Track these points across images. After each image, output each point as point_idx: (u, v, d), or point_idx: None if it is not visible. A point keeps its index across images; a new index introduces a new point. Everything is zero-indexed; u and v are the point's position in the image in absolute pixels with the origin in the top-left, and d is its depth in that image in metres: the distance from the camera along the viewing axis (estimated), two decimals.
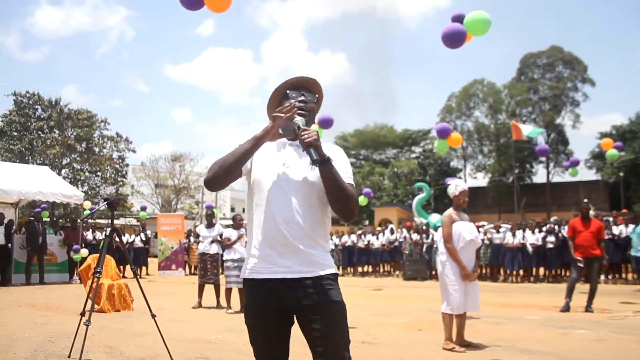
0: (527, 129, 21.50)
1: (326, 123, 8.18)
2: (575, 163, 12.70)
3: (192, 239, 18.79)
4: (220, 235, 9.53)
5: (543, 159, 45.22)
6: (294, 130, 2.28)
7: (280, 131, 2.37)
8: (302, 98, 2.38)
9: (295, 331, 2.35)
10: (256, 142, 2.28)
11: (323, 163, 2.16)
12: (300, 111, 2.31)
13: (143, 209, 21.12)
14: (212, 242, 9.64)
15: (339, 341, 2.22)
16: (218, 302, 9.57)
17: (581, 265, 8.71)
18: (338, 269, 19.76)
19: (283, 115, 2.26)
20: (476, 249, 5.85)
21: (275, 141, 2.39)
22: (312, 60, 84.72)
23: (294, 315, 2.30)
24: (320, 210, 2.31)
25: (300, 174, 2.28)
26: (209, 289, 9.71)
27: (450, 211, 5.84)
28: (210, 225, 9.87)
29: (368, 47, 76.09)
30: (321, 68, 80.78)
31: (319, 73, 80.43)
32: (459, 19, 5.59)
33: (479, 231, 15.78)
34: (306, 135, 2.17)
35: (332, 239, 19.23)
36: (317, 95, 2.46)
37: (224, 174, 2.26)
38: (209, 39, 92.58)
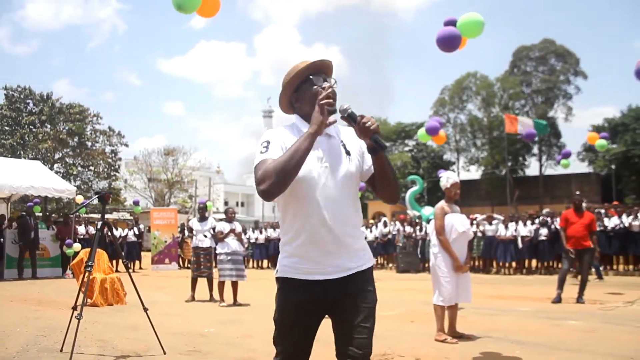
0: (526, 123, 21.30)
1: None
2: (567, 155, 12.77)
3: (186, 232, 18.75)
4: (213, 229, 9.51)
5: (536, 151, 45.46)
6: (344, 118, 2.16)
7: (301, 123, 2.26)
8: (328, 84, 2.23)
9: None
10: (313, 139, 2.08)
11: (384, 149, 2.14)
12: (327, 99, 2.16)
13: (136, 203, 21.01)
14: (205, 235, 9.64)
15: (370, 331, 2.24)
16: (211, 295, 9.56)
17: (572, 256, 8.77)
18: None
19: (331, 102, 2.11)
20: (468, 241, 5.88)
21: (297, 132, 2.23)
22: (305, 53, 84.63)
23: (331, 309, 2.26)
24: (358, 201, 2.30)
25: (340, 166, 2.21)
26: (202, 282, 9.70)
27: (442, 203, 5.85)
28: (203, 218, 9.86)
29: (362, 40, 76.14)
30: (324, 56, 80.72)
31: None
32: (451, 23, 5.54)
33: (472, 224, 15.89)
34: (369, 123, 2.08)
35: None
36: (335, 80, 2.31)
37: (287, 180, 2.05)
38: (202, 32, 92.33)
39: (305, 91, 2.29)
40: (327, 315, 2.28)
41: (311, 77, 2.28)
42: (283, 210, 2.27)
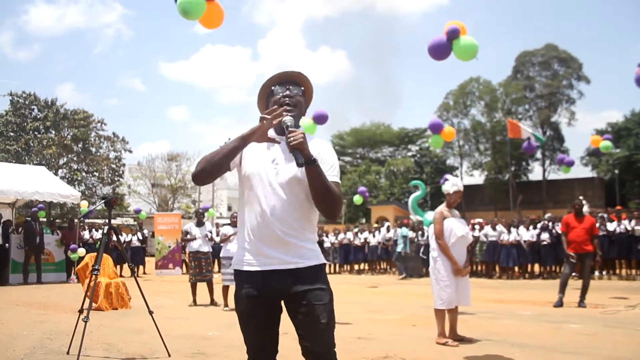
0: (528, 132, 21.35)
1: (320, 119, 8.17)
2: (570, 163, 12.65)
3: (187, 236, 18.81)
4: (210, 232, 9.67)
5: (539, 156, 45.46)
6: (284, 128, 2.33)
7: (273, 132, 2.42)
8: (287, 93, 2.46)
9: (287, 326, 2.43)
10: (242, 141, 2.32)
11: (308, 164, 2.23)
12: (287, 106, 2.39)
13: (137, 212, 21.14)
14: (209, 239, 9.78)
15: (325, 326, 2.31)
16: (212, 299, 9.64)
17: (573, 260, 8.81)
18: (334, 266, 19.41)
19: (270, 117, 2.31)
20: (468, 245, 5.94)
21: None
22: (310, 58, 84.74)
23: (283, 304, 2.40)
24: (308, 205, 2.39)
25: (290, 171, 2.35)
26: (202, 287, 9.76)
27: (441, 208, 5.92)
28: (200, 223, 9.94)
29: (367, 44, 76.21)
30: (320, 65, 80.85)
31: (319, 70, 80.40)
32: (454, 33, 5.59)
33: (474, 228, 15.92)
34: (292, 138, 2.22)
35: (328, 237, 19.31)
36: (302, 88, 2.53)
37: (211, 170, 2.33)
38: (207, 36, 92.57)
39: (270, 102, 2.51)
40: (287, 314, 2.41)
41: (273, 88, 2.51)
42: (239, 208, 2.52)
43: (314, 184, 2.30)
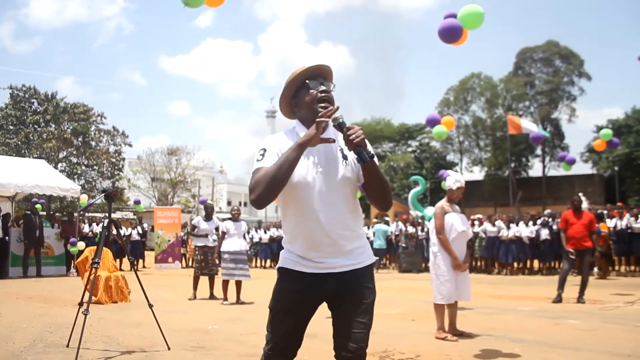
0: (531, 125, 21.36)
1: None
2: (571, 162, 12.61)
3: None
4: (216, 228, 9.65)
5: (539, 152, 45.43)
6: (335, 126, 2.20)
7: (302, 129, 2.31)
8: (324, 88, 2.32)
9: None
10: (301, 150, 2.14)
11: (371, 160, 2.16)
12: (324, 102, 2.28)
13: (137, 202, 21.11)
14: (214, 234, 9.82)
15: (368, 323, 2.30)
16: (211, 293, 9.65)
17: (572, 257, 8.82)
18: None
19: (328, 119, 2.15)
20: (468, 241, 5.95)
21: (296, 137, 2.27)
22: (312, 53, 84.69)
23: (329, 303, 2.35)
24: (355, 202, 2.34)
25: (336, 171, 2.26)
26: (203, 281, 9.77)
27: (442, 203, 5.92)
28: (209, 218, 9.95)
29: (369, 40, 76.18)
30: (322, 60, 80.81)
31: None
32: (452, 14, 5.66)
33: (473, 224, 15.93)
34: (354, 135, 2.11)
35: None
36: (333, 84, 2.40)
37: (274, 190, 2.14)
38: (208, 30, 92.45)
39: (303, 96, 2.36)
40: (327, 307, 2.37)
41: (307, 81, 2.34)
42: (282, 212, 2.39)
43: (376, 178, 2.24)
